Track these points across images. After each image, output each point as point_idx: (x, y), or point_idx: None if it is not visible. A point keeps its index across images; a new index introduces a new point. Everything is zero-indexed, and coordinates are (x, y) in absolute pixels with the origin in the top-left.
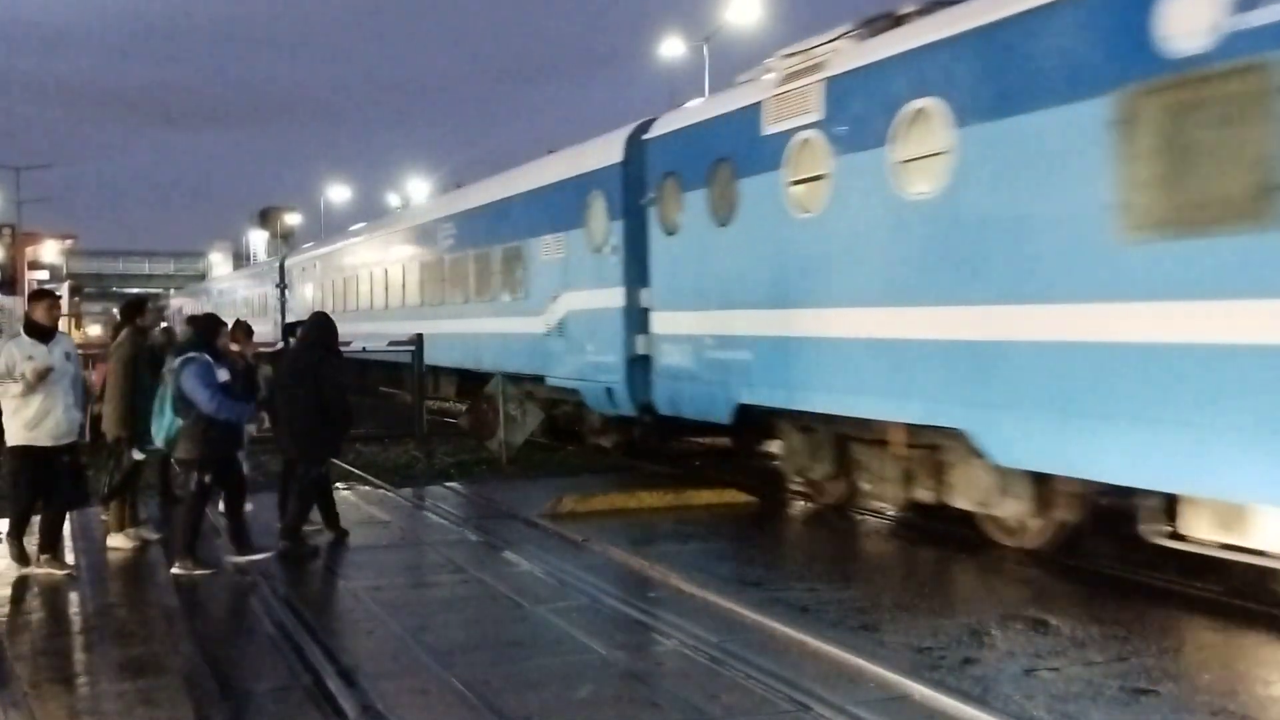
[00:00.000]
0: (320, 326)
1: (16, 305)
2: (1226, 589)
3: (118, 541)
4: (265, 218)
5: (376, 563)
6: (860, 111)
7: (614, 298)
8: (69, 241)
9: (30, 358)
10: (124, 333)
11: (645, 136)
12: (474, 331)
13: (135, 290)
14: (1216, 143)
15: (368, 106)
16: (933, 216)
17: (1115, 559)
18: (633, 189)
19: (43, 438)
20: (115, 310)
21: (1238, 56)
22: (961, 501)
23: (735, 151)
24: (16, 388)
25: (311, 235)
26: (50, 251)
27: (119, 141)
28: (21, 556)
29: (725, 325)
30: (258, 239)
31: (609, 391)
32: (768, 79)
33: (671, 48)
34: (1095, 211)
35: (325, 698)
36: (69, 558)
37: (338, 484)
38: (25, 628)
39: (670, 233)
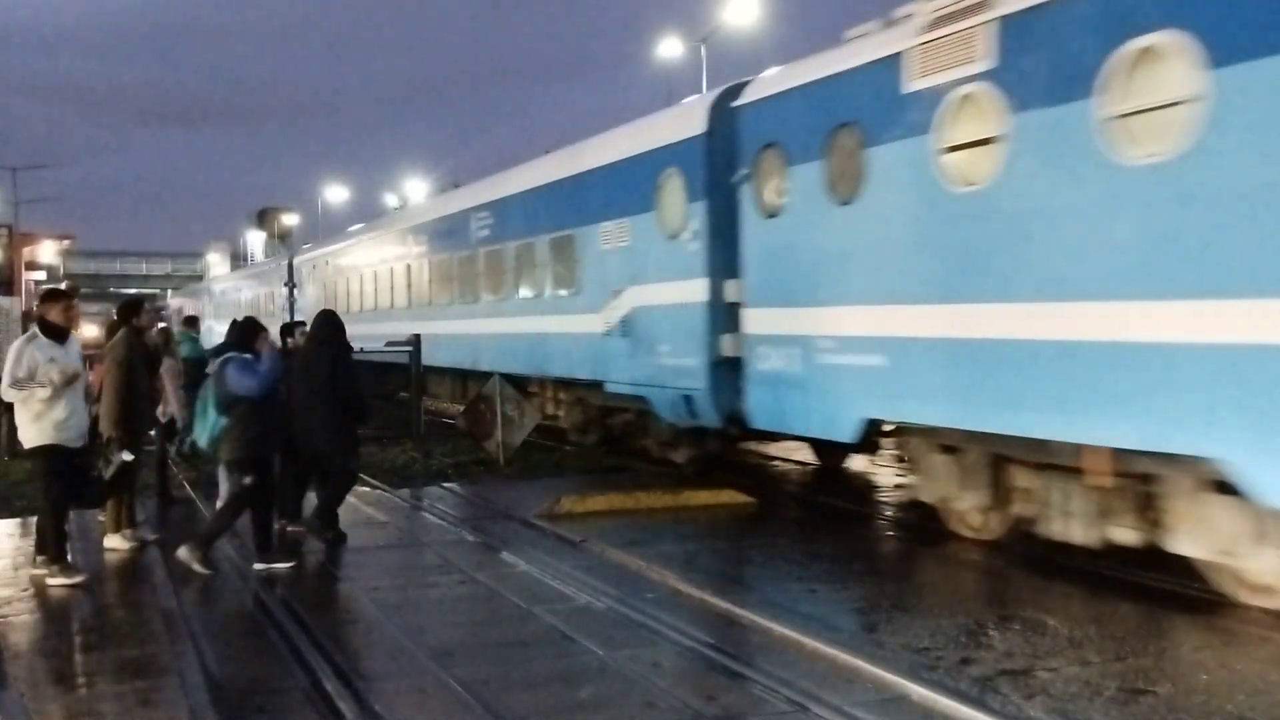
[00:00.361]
0: (330, 324)
1: (14, 306)
2: (1223, 590)
3: (115, 542)
4: (263, 218)
5: (374, 563)
6: (1053, 55)
7: (695, 291)
8: (66, 242)
9: (52, 359)
10: (120, 333)
11: (737, 103)
12: (513, 332)
13: (133, 290)
14: None
15: (365, 107)
16: (1170, 186)
17: (1114, 560)
18: (718, 165)
19: (74, 439)
20: (113, 311)
21: None
22: (1190, 547)
23: (863, 114)
24: (44, 391)
25: (309, 236)
26: (47, 252)
27: (116, 142)
28: (65, 562)
29: (847, 324)
30: (255, 239)
31: (687, 400)
32: (906, 27)
33: (669, 48)
34: None
35: (323, 699)
36: (68, 558)
37: None
38: (23, 628)
39: (770, 214)
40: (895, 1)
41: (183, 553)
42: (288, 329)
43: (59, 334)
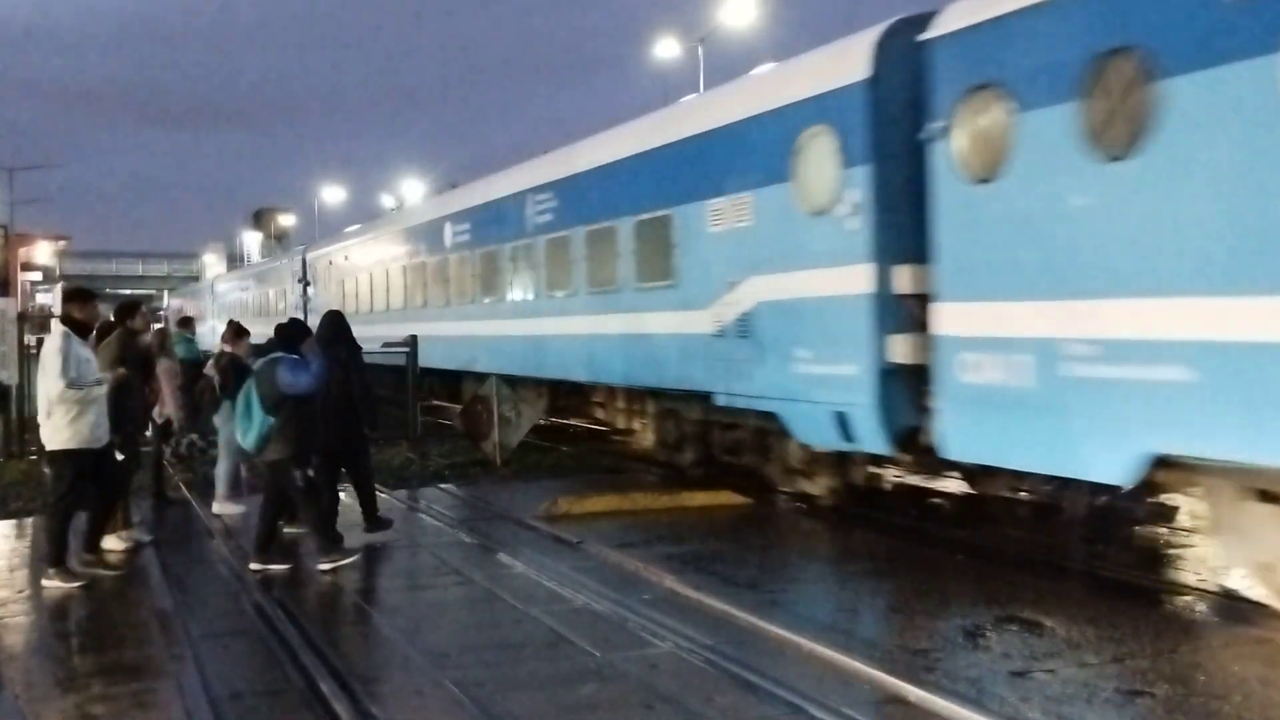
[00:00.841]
0: (337, 324)
1: (10, 307)
2: (1222, 590)
3: (110, 543)
4: (259, 219)
5: (370, 564)
6: None
7: (854, 280)
8: (62, 243)
9: (88, 359)
10: (114, 334)
11: (927, 36)
12: (583, 333)
13: (128, 291)
14: None
15: (361, 108)
16: None
17: (1110, 560)
18: (886, 119)
19: (101, 439)
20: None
21: None
22: None
23: (1152, 36)
24: (101, 389)
25: (306, 236)
26: (43, 253)
27: (112, 143)
28: (64, 565)
29: (1121, 323)
30: (251, 240)
31: (841, 418)
32: None
33: (666, 49)
34: None
35: (319, 701)
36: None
37: None
38: (18, 630)
39: (982, 179)
40: (899, 1)
41: (324, 565)
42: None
43: (85, 332)
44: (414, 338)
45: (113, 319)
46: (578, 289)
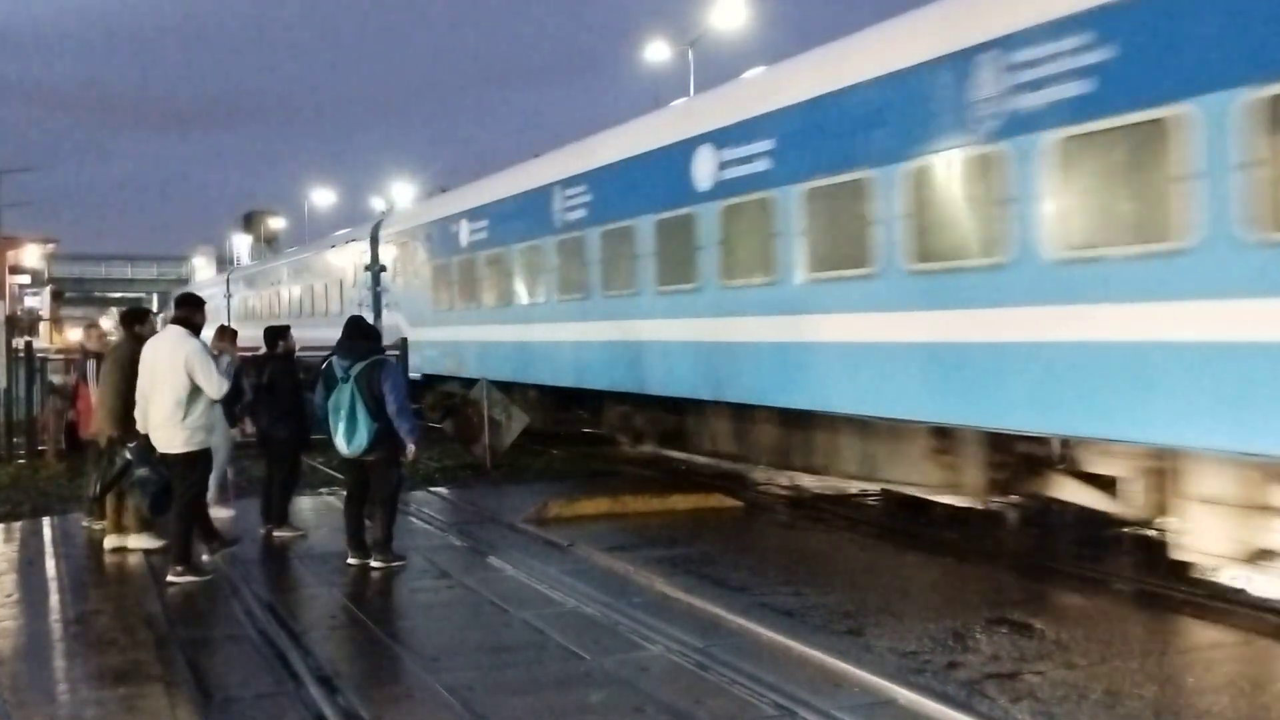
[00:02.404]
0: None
1: None
2: (1210, 592)
3: (144, 542)
4: (249, 221)
5: (360, 569)
6: None
7: None
8: (50, 245)
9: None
10: (121, 338)
11: None
12: (804, 340)
13: (118, 295)
14: None
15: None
16: None
17: (1099, 563)
18: None
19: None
20: (104, 316)
21: None
22: None
23: None
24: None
25: (296, 239)
26: (32, 256)
27: (100, 145)
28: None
29: None
30: (241, 243)
31: None
32: None
33: (656, 51)
34: None
35: (308, 705)
36: (52, 564)
37: (321, 489)
38: (6, 635)
39: None
40: (888, 4)
41: (376, 562)
42: (278, 334)
43: (198, 334)
44: (404, 341)
45: (119, 322)
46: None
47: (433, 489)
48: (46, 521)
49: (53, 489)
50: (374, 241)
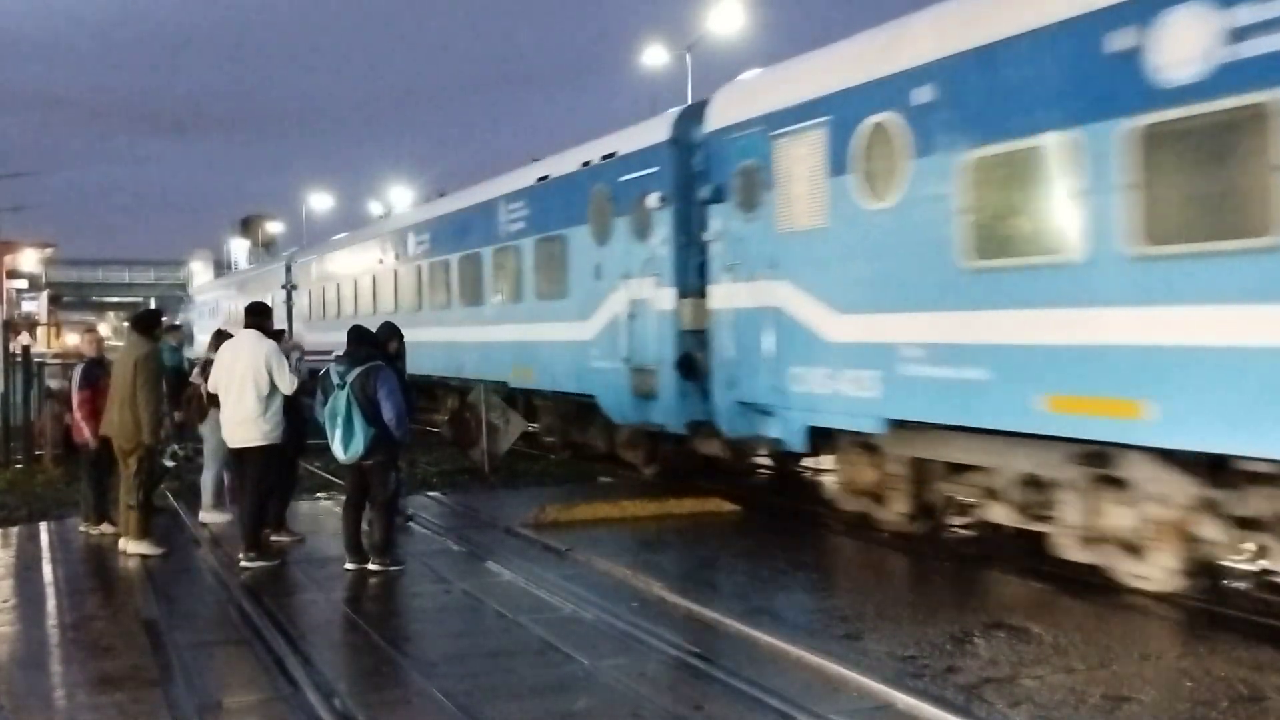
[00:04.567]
0: (399, 335)
1: None
2: (1208, 597)
3: (141, 548)
4: (247, 226)
5: (358, 574)
6: None
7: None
8: (48, 250)
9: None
10: (148, 345)
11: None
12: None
13: (115, 300)
14: None
15: (349, 115)
16: None
17: (1095, 568)
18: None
19: None
20: (102, 321)
21: None
22: None
23: None
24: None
25: (294, 244)
26: (29, 260)
27: (98, 150)
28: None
29: None
30: (239, 247)
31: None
32: None
33: (654, 56)
34: None
35: (305, 710)
36: (49, 569)
37: (319, 494)
38: (3, 640)
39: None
40: (879, 8)
41: (374, 566)
42: (222, 337)
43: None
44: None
45: (133, 326)
46: None
47: (430, 493)
48: (44, 526)
49: (50, 494)
50: (288, 269)
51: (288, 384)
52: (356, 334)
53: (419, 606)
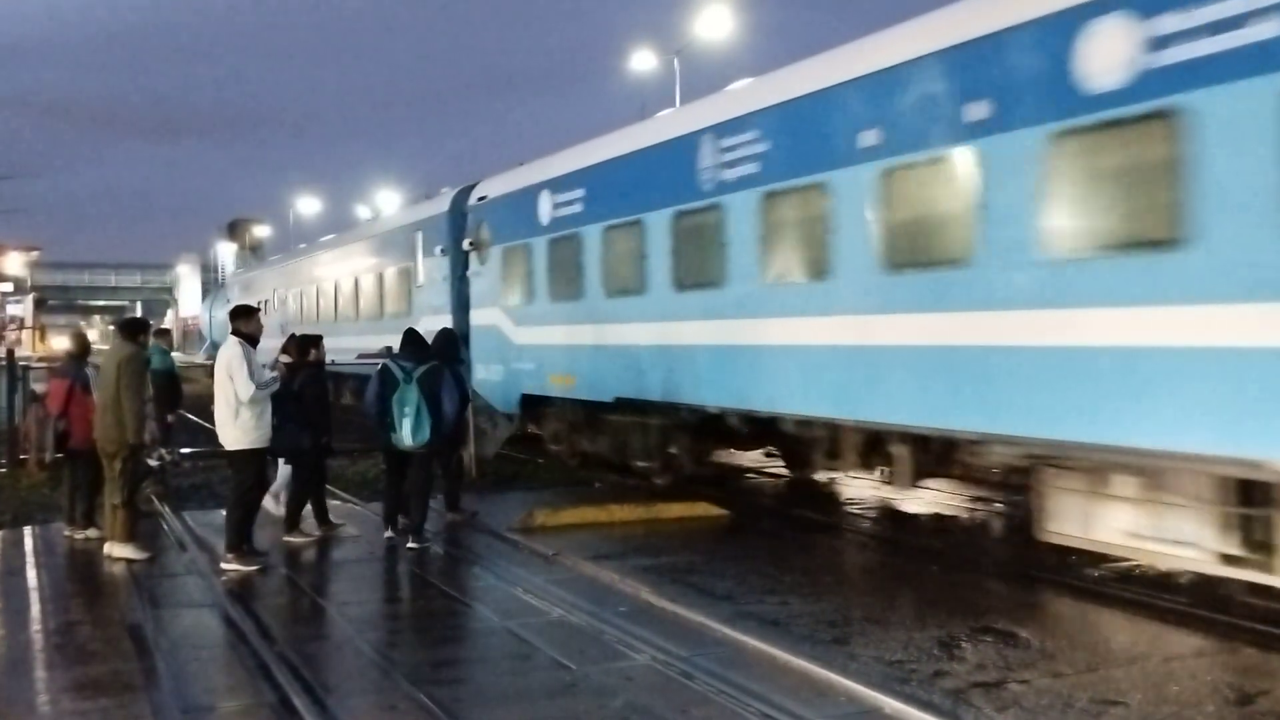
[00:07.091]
0: (454, 341)
1: None
2: (1193, 600)
3: (126, 551)
4: (234, 230)
5: (345, 578)
6: None
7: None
8: (34, 253)
9: (264, 365)
10: (131, 349)
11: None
12: None
13: (101, 303)
14: None
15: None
16: None
17: (1083, 572)
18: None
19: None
20: (88, 324)
21: None
22: None
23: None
24: (271, 389)
25: (281, 247)
26: (14, 263)
27: (84, 153)
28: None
29: None
30: (225, 251)
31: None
32: None
33: (642, 61)
34: None
35: (292, 715)
36: (33, 574)
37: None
38: None
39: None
40: (873, 12)
41: (412, 544)
42: (308, 342)
43: (253, 342)
44: (389, 348)
45: (120, 331)
46: None
47: None
48: (28, 531)
49: (34, 498)
50: (227, 286)
51: (244, 390)
52: (410, 336)
53: (405, 611)
